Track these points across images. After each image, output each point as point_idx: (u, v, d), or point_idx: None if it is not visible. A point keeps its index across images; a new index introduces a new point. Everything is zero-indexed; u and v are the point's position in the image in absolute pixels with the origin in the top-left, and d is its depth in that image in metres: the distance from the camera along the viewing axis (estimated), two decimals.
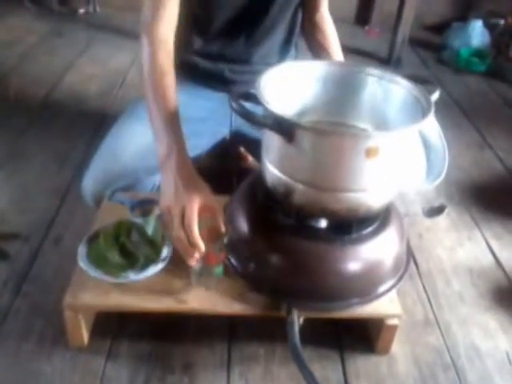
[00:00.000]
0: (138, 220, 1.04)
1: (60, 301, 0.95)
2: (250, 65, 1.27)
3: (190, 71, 1.28)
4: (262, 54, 1.26)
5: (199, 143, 1.28)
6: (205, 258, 0.91)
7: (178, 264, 0.98)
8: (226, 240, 0.93)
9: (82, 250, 1.00)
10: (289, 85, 0.95)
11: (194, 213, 0.83)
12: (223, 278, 0.97)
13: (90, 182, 1.17)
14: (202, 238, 0.85)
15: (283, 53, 1.31)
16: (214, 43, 1.24)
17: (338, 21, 1.30)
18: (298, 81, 0.97)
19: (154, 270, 0.97)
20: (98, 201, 1.16)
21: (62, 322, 0.98)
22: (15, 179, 1.52)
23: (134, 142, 1.18)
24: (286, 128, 0.81)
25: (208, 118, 1.29)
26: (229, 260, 0.99)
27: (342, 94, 0.99)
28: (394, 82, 0.94)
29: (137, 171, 1.16)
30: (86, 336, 1.01)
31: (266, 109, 0.82)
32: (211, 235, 0.88)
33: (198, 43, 1.24)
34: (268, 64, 1.15)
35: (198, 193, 0.86)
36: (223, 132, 1.34)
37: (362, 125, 1.00)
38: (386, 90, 0.96)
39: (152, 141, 1.16)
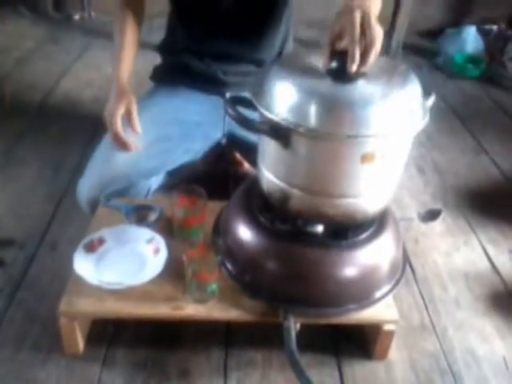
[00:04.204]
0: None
1: (55, 308, 0.94)
2: (241, 65, 1.27)
3: (183, 74, 1.29)
4: (254, 53, 1.27)
5: (193, 147, 1.29)
6: (199, 277, 0.92)
7: (174, 270, 0.98)
8: (219, 258, 0.94)
9: (77, 256, 0.99)
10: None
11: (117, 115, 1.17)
12: (219, 285, 0.97)
13: (85, 188, 1.17)
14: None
15: (276, 53, 1.31)
16: (205, 41, 1.25)
17: None
18: None
19: (150, 276, 0.97)
20: (94, 207, 1.16)
21: (58, 329, 0.97)
22: (10, 185, 1.51)
23: None
24: (281, 133, 0.81)
25: (201, 122, 1.29)
26: (225, 266, 0.99)
27: None
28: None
29: (130, 175, 1.16)
30: (81, 343, 1.00)
31: (261, 114, 0.82)
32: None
33: (188, 42, 1.25)
34: (260, 65, 1.16)
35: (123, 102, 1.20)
36: (216, 135, 1.34)
37: (358, 130, 1.00)
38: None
39: (146, 145, 1.17)
